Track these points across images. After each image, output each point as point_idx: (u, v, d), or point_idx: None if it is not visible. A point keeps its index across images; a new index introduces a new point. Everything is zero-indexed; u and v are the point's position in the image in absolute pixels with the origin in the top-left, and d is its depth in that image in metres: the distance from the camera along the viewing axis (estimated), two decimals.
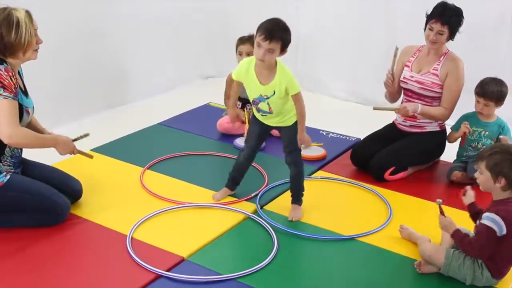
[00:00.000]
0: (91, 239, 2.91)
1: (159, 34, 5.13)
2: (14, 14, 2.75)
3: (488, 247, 2.50)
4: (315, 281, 2.67)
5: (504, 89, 3.43)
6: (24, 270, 2.62)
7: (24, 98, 2.88)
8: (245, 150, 3.23)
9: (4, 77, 2.73)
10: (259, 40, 2.80)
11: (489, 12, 4.47)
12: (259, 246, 2.88)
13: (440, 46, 3.54)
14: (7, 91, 2.72)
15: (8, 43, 2.75)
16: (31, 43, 2.80)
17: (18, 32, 2.74)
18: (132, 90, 4.95)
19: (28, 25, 2.78)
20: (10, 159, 2.91)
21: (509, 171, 2.48)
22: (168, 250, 2.79)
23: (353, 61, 5.10)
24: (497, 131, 3.49)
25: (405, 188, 3.49)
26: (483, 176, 2.54)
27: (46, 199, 2.90)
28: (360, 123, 4.46)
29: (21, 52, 2.80)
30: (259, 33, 2.80)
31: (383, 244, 2.92)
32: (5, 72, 2.74)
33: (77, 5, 4.35)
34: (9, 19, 2.74)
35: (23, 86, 2.94)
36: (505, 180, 2.49)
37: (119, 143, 3.98)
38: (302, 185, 3.17)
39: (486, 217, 2.49)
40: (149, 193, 3.32)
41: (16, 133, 2.75)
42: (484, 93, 3.42)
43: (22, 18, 2.76)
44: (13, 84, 2.74)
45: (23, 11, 2.79)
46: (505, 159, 2.49)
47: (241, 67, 2.99)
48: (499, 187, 2.52)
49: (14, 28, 2.73)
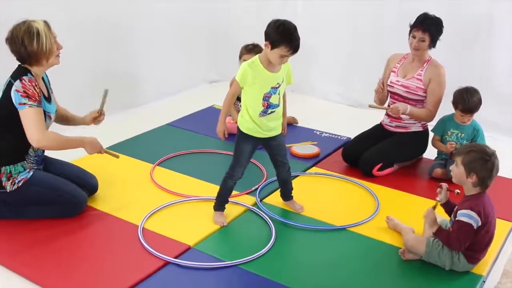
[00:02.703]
0: (106, 229, 2.91)
1: (168, 43, 5.13)
2: (33, 25, 2.75)
3: (467, 241, 2.50)
4: (310, 267, 2.67)
5: (480, 97, 3.40)
6: (46, 258, 2.63)
7: (46, 104, 2.88)
8: (237, 173, 2.93)
9: (28, 87, 2.73)
10: (286, 53, 2.65)
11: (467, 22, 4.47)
12: (258, 236, 2.88)
13: (422, 53, 3.54)
14: (31, 100, 2.73)
15: (32, 52, 2.75)
16: (52, 50, 2.81)
17: (40, 41, 2.75)
18: (144, 93, 4.95)
19: (47, 34, 2.78)
20: (33, 157, 2.92)
21: (481, 170, 2.48)
22: (176, 239, 2.80)
23: (345, 67, 5.10)
24: (472, 133, 3.48)
25: (391, 183, 3.49)
26: (458, 169, 2.55)
27: (66, 193, 2.91)
28: (350, 123, 4.46)
29: (44, 59, 2.80)
30: (288, 49, 2.64)
31: (371, 233, 2.93)
32: (29, 82, 2.75)
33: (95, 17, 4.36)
34: (30, 30, 2.74)
35: (46, 92, 2.94)
36: (476, 177, 2.50)
37: (132, 141, 3.99)
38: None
39: (462, 214, 2.50)
40: (159, 187, 3.33)
41: (43, 137, 2.76)
42: (469, 109, 3.38)
43: (41, 28, 2.76)
44: (36, 93, 2.75)
45: (41, 21, 2.80)
46: (479, 158, 2.49)
47: (245, 70, 2.74)
48: (470, 183, 2.52)
49: (35, 38, 2.74)
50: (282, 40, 2.63)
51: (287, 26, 2.66)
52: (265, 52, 2.74)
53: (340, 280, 2.57)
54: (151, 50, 4.97)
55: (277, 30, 2.64)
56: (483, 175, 2.49)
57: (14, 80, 2.76)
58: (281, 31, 2.64)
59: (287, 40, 2.63)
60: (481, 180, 2.50)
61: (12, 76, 2.79)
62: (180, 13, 5.17)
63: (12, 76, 2.79)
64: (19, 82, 2.73)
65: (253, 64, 2.76)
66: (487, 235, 2.55)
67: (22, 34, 2.73)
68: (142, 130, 4.18)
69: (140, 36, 4.83)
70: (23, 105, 2.72)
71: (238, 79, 2.78)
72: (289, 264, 2.71)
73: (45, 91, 2.92)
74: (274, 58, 2.70)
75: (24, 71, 2.79)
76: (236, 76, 2.79)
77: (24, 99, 2.72)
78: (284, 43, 2.63)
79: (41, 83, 2.90)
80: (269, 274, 2.56)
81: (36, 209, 2.92)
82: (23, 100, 2.72)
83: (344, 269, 2.65)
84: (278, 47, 2.65)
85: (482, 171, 2.49)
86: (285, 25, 2.66)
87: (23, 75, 2.76)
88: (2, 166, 2.82)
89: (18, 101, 2.72)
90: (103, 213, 3.02)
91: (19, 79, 2.74)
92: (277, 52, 2.66)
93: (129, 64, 4.80)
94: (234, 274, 2.57)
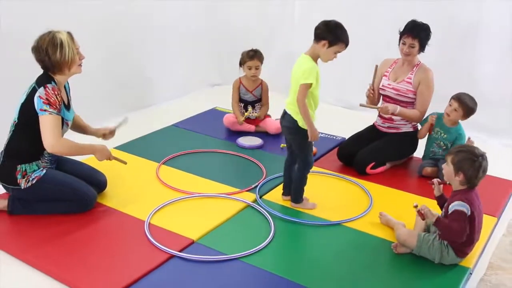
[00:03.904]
0: (114, 224, 2.92)
1: (174, 49, 5.15)
2: (57, 36, 2.77)
3: (467, 228, 2.51)
4: (307, 260, 2.69)
5: (475, 107, 3.40)
6: (58, 251, 2.65)
7: (65, 112, 2.89)
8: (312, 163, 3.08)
9: (50, 95, 2.75)
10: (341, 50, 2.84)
11: (456, 27, 4.48)
12: (258, 231, 2.89)
13: (412, 58, 3.56)
14: (52, 107, 2.75)
15: (55, 61, 2.77)
16: (74, 59, 2.82)
17: (63, 52, 2.76)
18: (150, 96, 4.97)
19: (70, 44, 2.79)
20: (48, 157, 2.94)
21: (468, 169, 2.51)
22: (180, 234, 2.81)
23: (340, 72, 5.09)
24: (454, 136, 3.47)
25: (383, 181, 3.50)
26: (448, 168, 2.58)
27: (76, 190, 2.92)
28: (345, 124, 4.46)
29: (67, 68, 2.81)
30: (344, 46, 2.83)
31: (365, 228, 2.94)
32: (52, 91, 2.76)
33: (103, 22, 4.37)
34: (54, 41, 2.75)
35: (67, 100, 2.95)
36: (463, 176, 2.52)
37: (139, 141, 3.99)
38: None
39: (455, 205, 2.51)
40: (164, 184, 3.34)
41: (58, 143, 2.78)
42: (459, 99, 3.39)
43: (64, 39, 2.77)
44: (57, 101, 2.77)
45: (65, 32, 2.81)
46: (467, 158, 2.51)
47: (316, 68, 2.83)
48: (458, 181, 2.55)
49: (58, 48, 2.75)
50: (340, 39, 2.80)
51: (340, 25, 2.84)
52: (315, 51, 2.84)
53: (336, 272, 2.58)
54: (159, 56, 5.01)
55: (335, 30, 2.81)
56: (470, 174, 2.51)
57: (38, 86, 2.77)
58: (338, 30, 2.81)
59: (344, 38, 2.82)
60: (467, 179, 2.53)
61: (37, 82, 2.81)
62: (185, 22, 5.20)
63: (37, 82, 2.81)
64: (43, 89, 2.75)
65: (315, 63, 2.86)
66: (473, 230, 2.56)
67: (46, 44, 2.74)
68: (149, 130, 4.19)
69: (148, 44, 4.87)
70: (44, 111, 2.74)
71: (313, 78, 2.81)
72: (287, 258, 2.72)
73: (65, 98, 2.93)
74: (329, 55, 2.83)
75: (49, 78, 2.80)
76: (308, 77, 2.79)
77: (46, 106, 2.74)
78: (341, 41, 2.81)
79: (63, 91, 2.92)
80: (268, 267, 2.57)
81: (48, 205, 2.93)
82: (44, 107, 2.74)
83: (340, 262, 2.66)
84: (336, 44, 2.81)
85: (469, 170, 2.51)
86: (340, 25, 2.83)
87: (47, 83, 2.77)
88: (18, 165, 2.84)
89: (39, 107, 2.74)
90: (112, 209, 3.03)
91: (43, 86, 2.76)
92: (334, 49, 2.82)
93: (139, 69, 4.84)
94: (235, 267, 2.58)
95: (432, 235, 2.65)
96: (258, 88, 4.26)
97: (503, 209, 3.24)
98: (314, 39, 2.86)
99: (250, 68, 4.14)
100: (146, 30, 4.81)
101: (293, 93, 2.89)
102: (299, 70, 2.85)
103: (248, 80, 4.22)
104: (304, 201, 3.13)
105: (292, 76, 2.91)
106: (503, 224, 3.17)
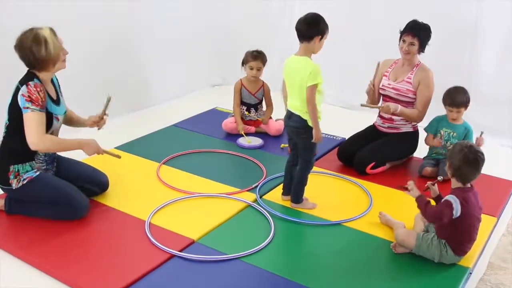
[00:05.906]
0: (115, 223, 2.92)
1: (174, 49, 5.14)
2: (40, 33, 2.74)
3: (442, 216, 2.50)
4: (307, 259, 2.68)
5: (467, 94, 3.45)
6: (58, 250, 2.65)
7: (53, 107, 2.86)
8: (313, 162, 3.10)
9: (32, 92, 2.72)
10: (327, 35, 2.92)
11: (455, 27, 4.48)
12: (258, 230, 2.89)
13: (412, 57, 3.55)
14: (34, 104, 2.72)
15: (40, 58, 2.74)
16: (58, 55, 2.79)
17: (47, 48, 2.73)
18: (151, 96, 4.96)
19: (54, 40, 2.76)
20: (43, 157, 2.91)
21: (456, 160, 2.51)
22: (181, 234, 2.80)
23: (340, 72, 5.10)
24: (463, 132, 3.50)
25: (383, 181, 3.50)
26: (447, 163, 2.60)
27: (67, 196, 2.86)
28: (345, 124, 4.46)
29: (51, 64, 2.79)
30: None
31: (364, 228, 2.93)
32: (34, 87, 2.74)
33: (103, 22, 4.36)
34: (37, 38, 2.72)
35: (55, 95, 2.93)
36: (450, 164, 2.54)
37: (139, 142, 3.98)
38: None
39: (450, 197, 2.52)
40: (164, 184, 3.33)
41: (41, 140, 2.74)
42: (456, 104, 3.42)
43: (48, 35, 2.74)
44: (40, 98, 2.73)
45: (47, 29, 2.77)
46: (459, 151, 2.52)
47: (319, 68, 2.86)
48: (449, 172, 2.56)
49: (42, 45, 2.72)
50: (327, 27, 2.90)
51: (318, 16, 2.91)
52: (307, 50, 2.89)
53: (336, 272, 2.58)
54: (159, 56, 4.99)
55: (320, 23, 2.88)
56: (456, 164, 2.50)
57: (21, 85, 2.76)
58: (321, 22, 2.89)
59: (327, 25, 2.91)
60: (454, 170, 2.52)
61: (20, 82, 2.79)
62: (186, 22, 5.19)
63: (20, 81, 2.79)
64: (25, 87, 2.73)
65: (314, 63, 2.89)
66: (467, 226, 2.55)
67: (30, 42, 2.72)
68: (149, 130, 4.19)
69: (148, 43, 4.86)
70: (26, 109, 2.71)
71: (320, 78, 2.85)
72: (287, 258, 2.72)
73: (53, 94, 2.90)
74: (322, 45, 2.92)
75: (31, 76, 2.78)
76: (315, 78, 2.82)
77: (28, 103, 2.71)
78: (327, 28, 2.91)
79: (50, 86, 2.89)
80: (268, 267, 2.57)
81: (38, 208, 2.89)
82: (27, 104, 2.71)
83: (339, 261, 2.66)
84: (325, 34, 2.91)
85: (456, 159, 2.51)
86: (318, 17, 2.91)
87: (30, 81, 2.75)
88: (11, 165, 2.82)
89: (23, 105, 2.72)
90: (112, 209, 3.03)
91: (25, 84, 2.74)
92: (324, 38, 2.91)
93: (139, 70, 4.83)
94: (235, 267, 2.57)
95: (431, 234, 2.64)
96: (260, 90, 4.25)
97: (502, 209, 3.24)
98: (303, 40, 2.88)
99: (252, 69, 4.12)
100: (146, 30, 4.81)
101: (298, 96, 2.90)
102: (303, 73, 2.84)
103: (249, 81, 4.21)
104: (304, 201, 3.12)
105: (293, 79, 2.91)
106: (503, 224, 3.17)
